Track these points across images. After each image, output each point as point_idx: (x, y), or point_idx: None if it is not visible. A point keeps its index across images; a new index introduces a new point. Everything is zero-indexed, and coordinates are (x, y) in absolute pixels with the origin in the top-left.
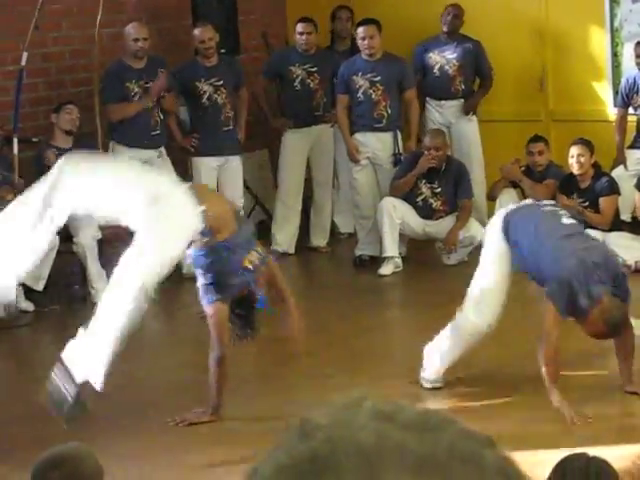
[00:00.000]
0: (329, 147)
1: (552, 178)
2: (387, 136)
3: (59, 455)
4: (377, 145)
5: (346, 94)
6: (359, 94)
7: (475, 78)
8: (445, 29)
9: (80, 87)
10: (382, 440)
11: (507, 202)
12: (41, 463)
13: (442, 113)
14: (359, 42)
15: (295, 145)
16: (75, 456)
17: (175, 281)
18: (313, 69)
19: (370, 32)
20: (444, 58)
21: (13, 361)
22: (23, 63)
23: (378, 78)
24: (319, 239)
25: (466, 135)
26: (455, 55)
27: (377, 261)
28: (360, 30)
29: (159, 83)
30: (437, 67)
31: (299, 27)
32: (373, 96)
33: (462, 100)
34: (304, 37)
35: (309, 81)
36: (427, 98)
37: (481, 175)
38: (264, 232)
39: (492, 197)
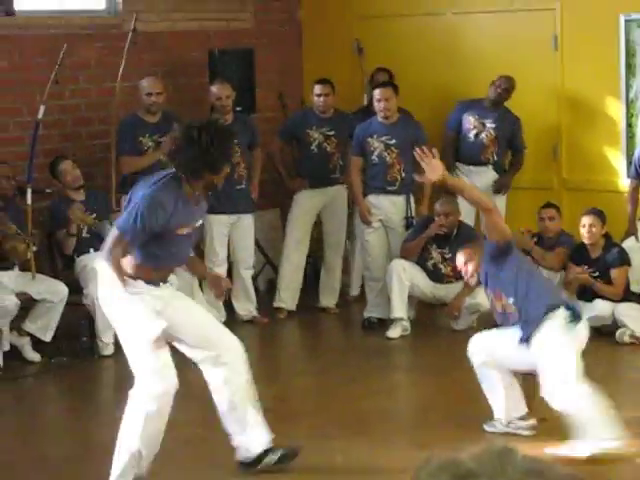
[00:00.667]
0: (342, 208)
1: (563, 246)
2: (400, 199)
3: None
4: (390, 208)
5: (360, 156)
6: (373, 156)
7: (507, 151)
8: (491, 99)
9: (95, 140)
10: None
11: None
12: None
13: (470, 179)
14: (375, 104)
15: (306, 203)
16: None
17: None
18: (330, 132)
19: (386, 95)
20: (483, 125)
21: (18, 412)
22: (40, 116)
23: (393, 141)
24: (328, 299)
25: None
26: (494, 125)
27: (386, 323)
28: (376, 92)
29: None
30: (473, 132)
31: (317, 89)
32: (387, 159)
33: (491, 167)
34: (322, 99)
35: (326, 144)
36: (457, 163)
37: None
38: (273, 291)
39: None
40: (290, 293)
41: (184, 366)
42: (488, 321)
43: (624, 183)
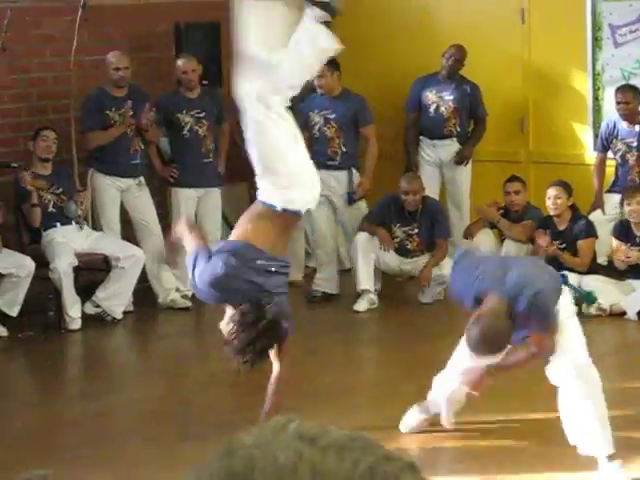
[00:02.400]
0: None
1: (530, 219)
2: (342, 174)
3: None
4: (332, 183)
5: (305, 131)
6: (314, 131)
7: (470, 121)
8: (445, 72)
9: (61, 113)
10: (299, 461)
11: (484, 242)
12: None
13: (435, 152)
14: (315, 80)
15: None
16: None
17: (150, 312)
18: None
19: (321, 71)
20: (441, 99)
21: None
22: None
23: (333, 115)
24: (294, 272)
25: (457, 176)
26: (452, 97)
27: (334, 299)
28: None
29: (147, 116)
30: (433, 107)
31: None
32: (327, 133)
33: (455, 140)
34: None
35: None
36: (421, 137)
37: (465, 216)
38: None
39: (468, 236)
40: None
41: (151, 340)
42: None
43: (591, 156)
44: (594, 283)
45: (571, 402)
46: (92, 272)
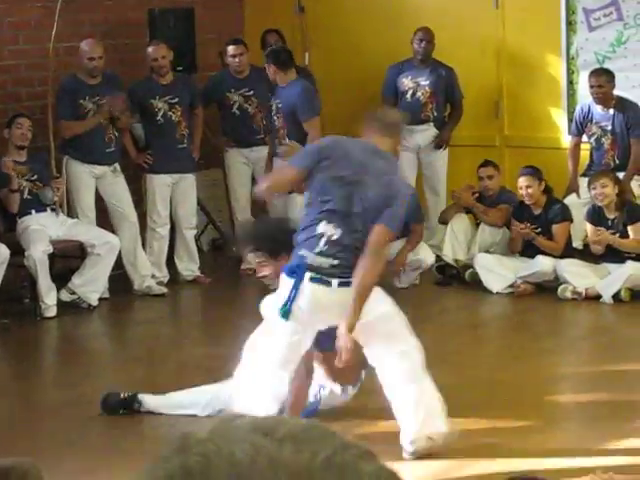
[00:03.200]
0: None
1: (505, 203)
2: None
3: (5, 469)
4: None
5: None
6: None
7: (446, 105)
8: (419, 56)
9: (36, 100)
10: (257, 454)
11: (459, 227)
12: None
13: (412, 137)
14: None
15: (239, 165)
16: (17, 469)
17: (126, 299)
18: (249, 93)
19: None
20: (417, 84)
21: None
22: None
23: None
24: None
25: (435, 161)
26: (428, 82)
27: None
28: (230, 49)
29: (118, 102)
30: (409, 93)
31: (230, 50)
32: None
33: (432, 124)
34: (236, 60)
35: (247, 106)
36: None
37: (442, 201)
38: (217, 251)
39: (443, 221)
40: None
41: (127, 327)
42: (430, 278)
43: (565, 140)
44: (569, 267)
45: (396, 385)
46: (67, 259)
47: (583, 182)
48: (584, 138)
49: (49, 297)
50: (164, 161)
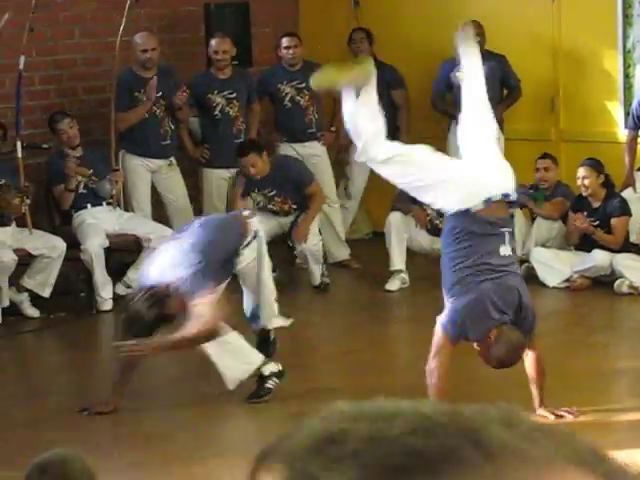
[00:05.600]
0: (326, 163)
1: (560, 195)
2: None
3: (47, 460)
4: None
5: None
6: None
7: (501, 94)
8: None
9: (91, 94)
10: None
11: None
12: (31, 469)
13: None
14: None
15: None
16: (62, 459)
17: None
18: (301, 85)
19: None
20: None
21: (18, 368)
22: (21, 66)
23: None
24: (340, 251)
25: None
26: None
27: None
28: (284, 40)
29: (181, 97)
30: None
31: (284, 41)
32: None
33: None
34: (290, 51)
35: (299, 98)
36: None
37: None
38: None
39: None
40: None
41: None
42: None
43: (622, 134)
44: (626, 261)
45: None
46: (123, 253)
47: (639, 176)
48: None
49: (105, 291)
50: (221, 156)
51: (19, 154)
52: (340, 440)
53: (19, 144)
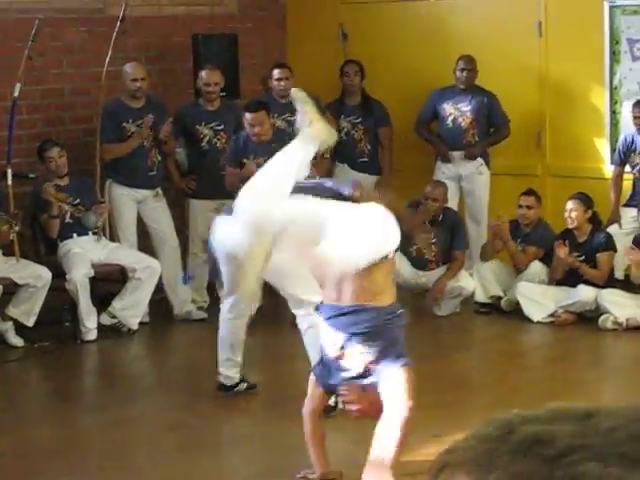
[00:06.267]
0: None
1: (539, 238)
2: None
3: None
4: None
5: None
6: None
7: (489, 130)
8: (461, 85)
9: (79, 124)
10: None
11: (485, 268)
12: None
13: (453, 164)
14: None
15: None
16: None
17: (166, 323)
18: (291, 118)
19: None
20: (458, 110)
21: (1, 397)
22: (16, 94)
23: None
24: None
25: (477, 189)
26: (469, 108)
27: None
28: (275, 72)
29: (167, 128)
30: (450, 118)
31: (276, 73)
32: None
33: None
34: (282, 83)
35: (290, 130)
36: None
37: (483, 230)
38: None
39: (484, 259)
40: None
41: (166, 352)
42: (471, 306)
43: (608, 170)
44: (611, 297)
45: None
46: (108, 283)
47: (625, 212)
48: (627, 168)
49: (90, 321)
50: (207, 187)
51: (9, 181)
52: (548, 440)
53: (9, 171)
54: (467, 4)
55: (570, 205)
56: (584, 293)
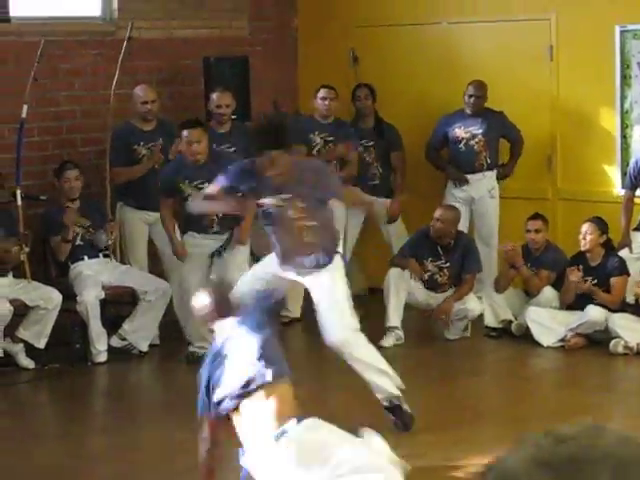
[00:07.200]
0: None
1: (550, 261)
2: None
3: None
4: None
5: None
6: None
7: (498, 150)
8: (469, 109)
9: (90, 146)
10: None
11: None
12: None
13: (464, 188)
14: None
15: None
16: None
17: (176, 346)
18: (330, 138)
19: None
20: (469, 133)
21: (12, 418)
22: (23, 115)
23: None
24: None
25: (487, 213)
26: (481, 131)
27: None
28: (321, 91)
29: (176, 149)
30: (463, 142)
31: (322, 92)
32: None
33: (486, 174)
34: (326, 102)
35: (324, 150)
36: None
37: (494, 253)
38: None
39: (497, 290)
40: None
41: (177, 374)
42: (481, 330)
43: (619, 194)
44: (621, 321)
45: None
46: (119, 305)
47: (635, 237)
48: (638, 192)
49: (100, 343)
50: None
51: (19, 202)
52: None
53: (19, 192)
54: (479, 28)
55: (585, 228)
56: (593, 313)
